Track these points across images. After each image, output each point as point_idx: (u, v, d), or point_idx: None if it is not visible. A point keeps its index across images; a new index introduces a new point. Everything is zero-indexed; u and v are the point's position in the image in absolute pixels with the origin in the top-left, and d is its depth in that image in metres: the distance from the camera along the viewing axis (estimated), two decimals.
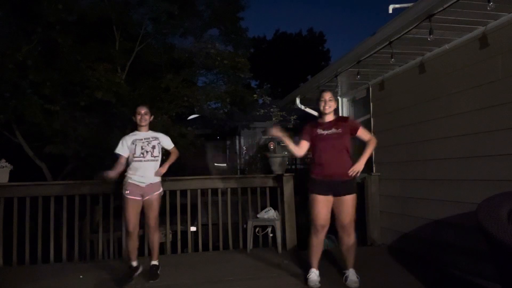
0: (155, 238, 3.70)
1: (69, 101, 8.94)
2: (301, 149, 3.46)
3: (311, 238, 3.43)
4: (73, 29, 9.33)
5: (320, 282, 3.36)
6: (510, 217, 2.53)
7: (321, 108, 3.37)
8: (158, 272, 3.66)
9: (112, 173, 3.55)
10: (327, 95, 3.36)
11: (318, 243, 3.41)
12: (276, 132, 3.36)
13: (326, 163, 3.28)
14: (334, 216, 3.38)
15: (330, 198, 3.31)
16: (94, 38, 9.75)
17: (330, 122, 3.38)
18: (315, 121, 3.50)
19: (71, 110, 8.89)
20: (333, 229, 3.49)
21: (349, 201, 3.30)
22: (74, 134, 8.57)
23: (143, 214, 3.68)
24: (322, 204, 3.31)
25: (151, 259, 3.72)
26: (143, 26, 10.59)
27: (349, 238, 3.38)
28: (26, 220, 4.45)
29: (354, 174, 3.25)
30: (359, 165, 3.25)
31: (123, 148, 3.63)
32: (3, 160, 4.60)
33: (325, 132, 3.32)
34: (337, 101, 3.53)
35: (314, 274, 3.40)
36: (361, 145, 3.46)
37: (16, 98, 8.35)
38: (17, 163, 5.05)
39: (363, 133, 3.40)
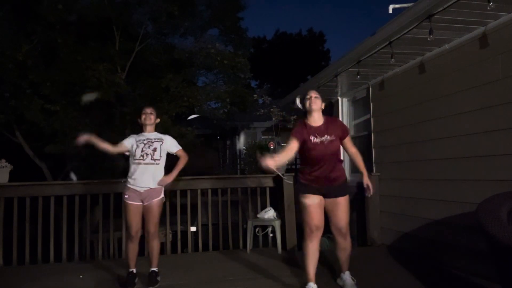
0: (154, 244, 3.54)
1: (69, 101, 8.95)
2: (291, 151, 3.16)
3: (306, 244, 3.18)
4: (73, 29, 9.35)
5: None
6: (510, 217, 2.53)
7: (307, 105, 3.18)
8: (158, 278, 3.53)
9: (91, 139, 3.41)
10: (313, 93, 3.21)
11: (314, 249, 3.16)
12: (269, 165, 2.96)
13: (319, 170, 3.14)
14: (327, 219, 3.24)
15: (321, 198, 3.18)
16: (94, 38, 9.76)
17: (321, 126, 3.18)
18: (304, 123, 3.24)
19: (71, 110, 8.90)
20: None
21: (343, 203, 3.19)
22: (74, 134, 8.57)
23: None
24: (314, 203, 3.15)
25: (150, 265, 3.57)
26: (143, 26, 10.60)
27: (346, 241, 3.25)
28: (26, 220, 4.45)
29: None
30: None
31: (127, 140, 3.52)
32: (3, 160, 4.60)
33: (319, 139, 3.14)
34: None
35: None
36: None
37: (16, 98, 8.37)
38: (17, 163, 5.05)
39: (348, 142, 3.26)
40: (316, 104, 3.17)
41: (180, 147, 3.63)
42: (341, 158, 3.38)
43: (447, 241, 3.92)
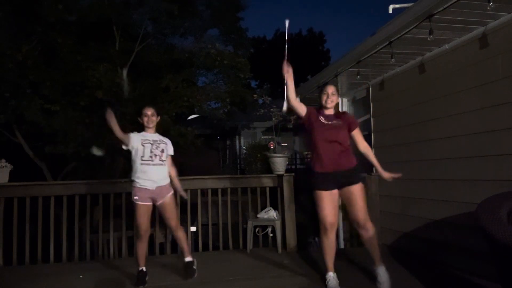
0: (180, 235, 3.62)
1: (69, 101, 8.95)
2: (298, 103, 3.31)
3: (322, 239, 3.31)
4: (73, 29, 9.35)
5: (339, 284, 3.27)
6: (510, 217, 2.53)
7: (323, 101, 3.28)
8: (194, 267, 3.59)
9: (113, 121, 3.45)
10: (330, 89, 3.28)
11: (329, 243, 3.29)
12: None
13: (328, 153, 3.18)
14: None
15: (335, 193, 3.22)
16: (94, 38, 9.75)
17: (331, 114, 3.31)
18: (317, 109, 3.38)
19: (71, 110, 8.90)
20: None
21: (357, 191, 3.21)
22: (74, 134, 8.58)
23: (153, 215, 3.62)
24: (327, 200, 3.20)
25: (184, 257, 3.68)
26: (143, 26, 10.59)
27: (368, 233, 3.24)
28: (26, 220, 4.45)
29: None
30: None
31: (133, 137, 3.51)
32: (3, 160, 4.60)
33: (327, 122, 3.23)
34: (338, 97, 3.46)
35: (333, 279, 3.28)
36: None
37: (16, 98, 8.37)
38: (17, 163, 5.05)
39: (358, 135, 3.34)
40: (332, 102, 3.30)
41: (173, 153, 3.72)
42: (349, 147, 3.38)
43: (447, 241, 3.92)
